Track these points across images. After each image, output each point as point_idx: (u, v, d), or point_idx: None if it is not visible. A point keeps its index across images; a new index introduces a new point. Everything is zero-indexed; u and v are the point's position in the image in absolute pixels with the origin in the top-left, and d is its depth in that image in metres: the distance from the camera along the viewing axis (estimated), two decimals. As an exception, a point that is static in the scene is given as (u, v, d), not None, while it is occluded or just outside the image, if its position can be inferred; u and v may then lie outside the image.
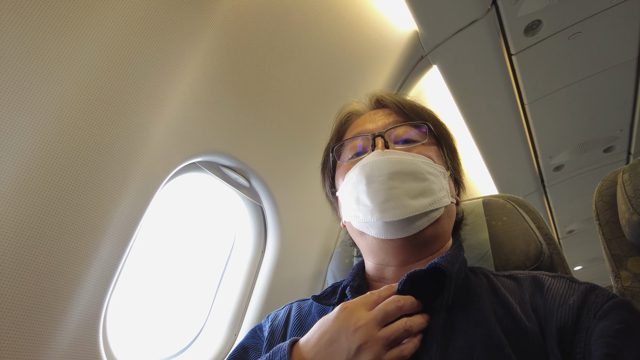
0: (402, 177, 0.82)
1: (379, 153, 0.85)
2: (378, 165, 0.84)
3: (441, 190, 0.86)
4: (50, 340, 0.89)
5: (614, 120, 2.68)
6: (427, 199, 0.83)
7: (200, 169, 1.36)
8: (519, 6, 1.72)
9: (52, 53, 0.85)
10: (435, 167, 0.88)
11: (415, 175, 0.83)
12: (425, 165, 0.86)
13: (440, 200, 0.85)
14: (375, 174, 0.83)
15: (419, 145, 0.90)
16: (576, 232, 4.32)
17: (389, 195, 0.82)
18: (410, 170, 0.83)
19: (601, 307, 0.68)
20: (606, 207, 1.05)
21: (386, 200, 0.81)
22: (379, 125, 0.94)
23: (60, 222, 0.89)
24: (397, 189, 0.82)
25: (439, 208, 0.85)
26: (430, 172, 0.86)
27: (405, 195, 0.81)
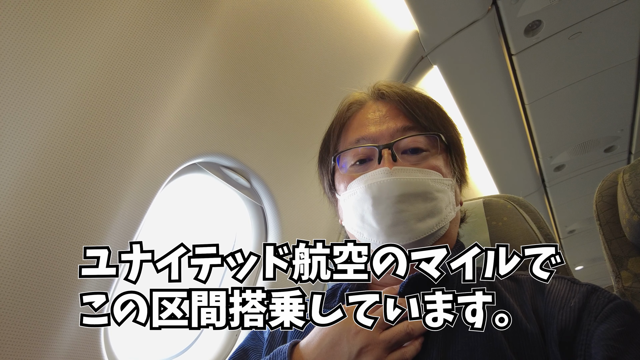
0: (411, 200, 0.80)
1: (386, 172, 0.81)
2: (387, 186, 0.80)
3: (448, 205, 0.85)
4: (52, 340, 0.89)
5: (615, 120, 2.68)
6: (434, 219, 0.81)
7: (201, 169, 1.36)
8: (519, 6, 1.72)
9: (53, 54, 0.85)
10: (444, 182, 0.85)
11: (424, 196, 0.81)
12: (434, 182, 0.83)
13: (447, 217, 0.84)
14: (384, 195, 0.80)
15: (429, 156, 0.86)
16: (577, 232, 4.31)
17: (396, 219, 0.79)
18: (419, 191, 0.81)
19: (602, 309, 0.67)
20: (607, 207, 1.05)
21: (393, 224, 0.80)
22: (383, 130, 0.88)
23: (62, 223, 0.89)
24: (405, 212, 0.79)
25: (445, 225, 0.84)
26: (439, 190, 0.83)
27: (413, 218, 0.79)
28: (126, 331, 1.18)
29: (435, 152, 0.87)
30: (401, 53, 1.82)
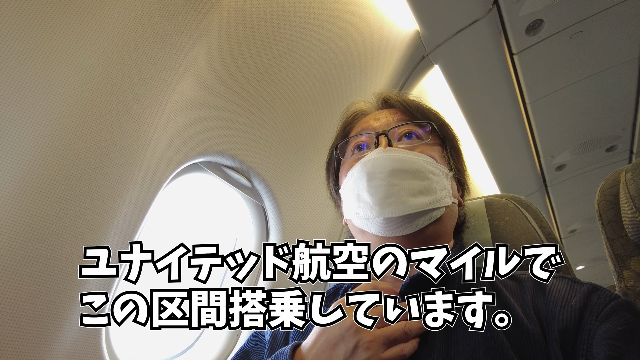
0: (404, 175, 0.83)
1: (381, 150, 0.86)
2: (380, 162, 0.84)
3: (442, 190, 0.86)
4: (53, 340, 0.89)
5: (616, 119, 2.68)
6: (427, 197, 0.83)
7: (202, 169, 1.36)
8: (520, 5, 1.72)
9: (53, 53, 0.85)
10: (438, 167, 0.87)
11: (416, 173, 0.83)
12: (427, 164, 0.85)
13: (441, 199, 0.85)
14: (377, 170, 0.84)
15: (422, 144, 0.90)
16: (578, 231, 4.31)
17: (389, 191, 0.82)
18: (411, 168, 0.84)
19: (603, 308, 0.67)
20: (609, 206, 1.05)
21: (386, 196, 0.82)
22: (382, 123, 0.94)
23: (63, 223, 0.89)
24: (397, 185, 0.82)
25: (439, 207, 0.84)
26: (432, 172, 0.85)
27: (405, 192, 0.82)
28: (127, 331, 1.18)
29: (430, 141, 0.91)
30: (402, 52, 1.82)
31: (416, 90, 2.06)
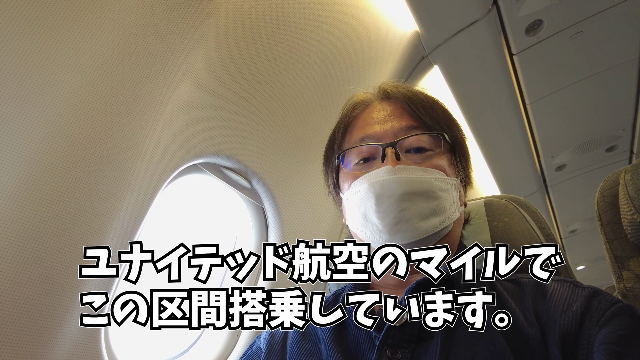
0: (414, 198, 0.80)
1: (389, 170, 0.81)
2: (389, 185, 0.80)
3: (452, 205, 0.84)
4: (52, 341, 0.89)
5: (616, 119, 2.68)
6: (437, 218, 0.81)
7: (201, 170, 1.36)
8: (520, 6, 1.72)
9: (53, 55, 0.85)
10: (448, 182, 0.84)
11: (427, 194, 0.80)
12: (437, 182, 0.82)
13: (451, 216, 0.83)
14: (386, 194, 0.80)
15: (433, 156, 0.86)
16: (578, 231, 4.31)
17: (399, 217, 0.79)
18: (422, 189, 0.80)
19: (604, 313, 0.67)
20: (608, 207, 1.05)
21: (396, 222, 0.79)
22: (387, 129, 0.88)
23: (63, 224, 0.89)
24: (408, 210, 0.79)
25: (449, 225, 0.83)
26: (442, 189, 0.83)
27: (416, 217, 0.79)
28: (127, 332, 1.18)
29: (440, 151, 0.87)
30: (402, 53, 1.82)
31: (416, 91, 2.06)
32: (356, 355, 0.77)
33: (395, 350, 0.72)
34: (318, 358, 0.79)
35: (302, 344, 0.83)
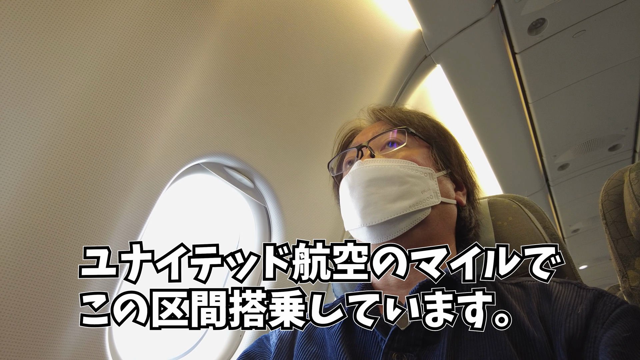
0: (380, 183, 0.85)
1: (359, 163, 0.89)
2: (357, 174, 0.87)
3: (426, 191, 0.86)
4: (56, 341, 0.90)
5: (619, 118, 2.66)
6: (407, 201, 0.83)
7: (204, 170, 1.36)
8: (522, 4, 1.71)
9: (55, 55, 0.85)
10: (419, 169, 0.88)
11: (392, 179, 0.85)
12: (405, 168, 0.87)
13: (425, 200, 0.85)
14: (356, 182, 0.87)
15: (402, 149, 0.92)
16: (581, 231, 4.29)
17: (367, 201, 0.84)
18: (387, 175, 0.86)
19: (609, 315, 0.66)
20: (613, 206, 1.04)
21: (366, 205, 0.84)
22: (367, 136, 0.97)
23: (66, 224, 0.89)
24: (375, 194, 0.84)
25: (423, 209, 0.84)
26: (412, 175, 0.86)
27: (382, 199, 0.84)
28: (131, 332, 1.18)
29: (411, 145, 0.93)
30: (404, 52, 1.82)
31: (418, 90, 2.06)
32: (363, 358, 0.77)
33: (401, 354, 0.72)
34: None
35: (308, 347, 0.84)
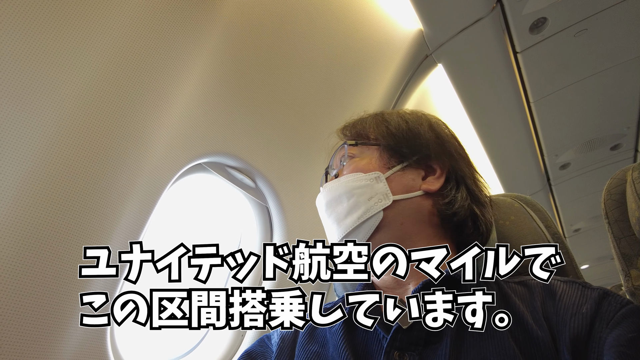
0: (332, 204, 0.91)
1: (321, 190, 0.96)
2: (319, 201, 0.95)
3: (373, 197, 0.87)
4: (58, 341, 0.90)
5: (621, 117, 2.66)
6: (355, 213, 0.87)
7: (206, 169, 1.36)
8: (524, 4, 1.71)
9: (56, 55, 0.85)
10: (363, 178, 0.89)
11: (341, 198, 0.89)
12: (349, 182, 0.89)
13: (372, 207, 0.86)
14: (321, 209, 0.95)
15: (351, 162, 0.94)
16: (582, 230, 4.29)
17: (328, 222, 0.92)
18: (336, 195, 0.90)
19: (614, 315, 0.66)
20: (615, 205, 1.04)
21: (329, 227, 0.92)
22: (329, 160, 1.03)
23: (67, 224, 0.89)
24: (331, 216, 0.91)
25: (373, 215, 0.85)
26: (358, 186, 0.88)
27: (337, 219, 0.89)
28: (132, 332, 1.18)
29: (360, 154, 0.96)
30: (405, 52, 1.81)
31: (419, 90, 2.06)
32: (365, 356, 0.77)
33: (402, 353, 0.72)
34: None
35: (309, 346, 0.83)
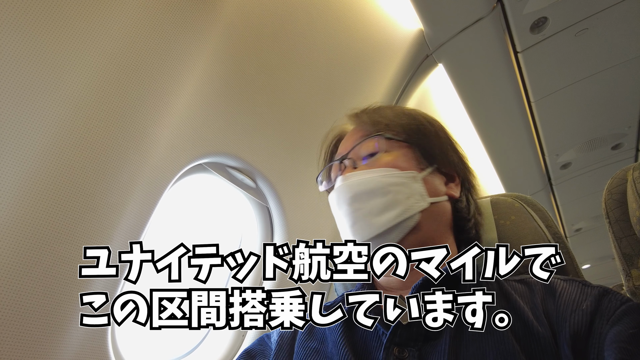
0: (364, 197, 0.85)
1: (341, 179, 0.89)
2: (342, 190, 0.87)
3: (411, 197, 0.85)
4: (59, 342, 0.90)
5: (622, 117, 2.66)
6: (393, 211, 0.83)
7: (206, 170, 1.36)
8: (524, 3, 1.70)
9: (56, 55, 0.85)
10: (401, 175, 0.86)
11: (375, 191, 0.84)
12: (386, 177, 0.85)
13: (411, 207, 0.84)
14: (342, 199, 0.87)
15: (383, 155, 0.90)
16: (584, 230, 4.28)
17: (354, 218, 0.85)
18: (369, 188, 0.85)
19: (614, 312, 0.66)
20: (616, 205, 1.04)
21: (354, 223, 0.85)
22: (347, 146, 0.95)
23: (68, 225, 0.89)
24: (360, 210, 0.84)
25: (411, 216, 0.83)
26: (395, 183, 0.85)
27: (369, 214, 0.83)
28: (133, 332, 1.18)
29: (391, 150, 0.91)
30: (406, 51, 1.81)
31: (420, 89, 2.05)
32: (364, 352, 0.77)
33: (402, 349, 0.72)
34: (324, 356, 0.79)
35: (308, 343, 0.84)
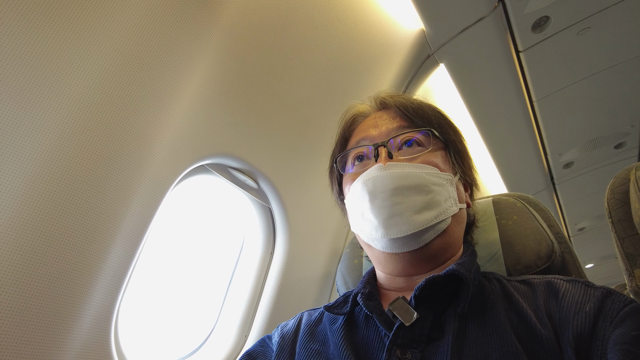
0: (406, 192, 0.80)
1: (381, 167, 0.83)
2: (380, 180, 0.81)
3: (447, 199, 0.84)
4: (62, 343, 0.90)
5: (625, 116, 2.65)
6: (432, 211, 0.81)
7: (208, 171, 1.36)
8: (525, 3, 1.70)
9: (59, 56, 0.85)
10: (441, 176, 0.85)
11: (418, 188, 0.81)
12: (430, 176, 0.83)
13: (447, 210, 0.83)
14: (378, 190, 0.81)
15: (424, 152, 0.87)
16: (587, 229, 4.28)
17: (392, 211, 0.80)
18: (413, 183, 0.81)
19: (617, 314, 0.66)
20: (618, 204, 1.04)
21: (390, 216, 0.80)
22: (382, 131, 0.90)
23: (71, 226, 0.89)
24: (400, 204, 0.79)
25: (445, 219, 0.83)
26: (436, 183, 0.83)
27: (409, 210, 0.79)
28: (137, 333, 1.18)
29: (431, 148, 0.88)
30: (407, 52, 1.81)
31: (421, 90, 2.05)
32: (366, 354, 0.77)
33: (405, 350, 0.72)
34: (325, 358, 0.80)
35: (309, 344, 0.84)
